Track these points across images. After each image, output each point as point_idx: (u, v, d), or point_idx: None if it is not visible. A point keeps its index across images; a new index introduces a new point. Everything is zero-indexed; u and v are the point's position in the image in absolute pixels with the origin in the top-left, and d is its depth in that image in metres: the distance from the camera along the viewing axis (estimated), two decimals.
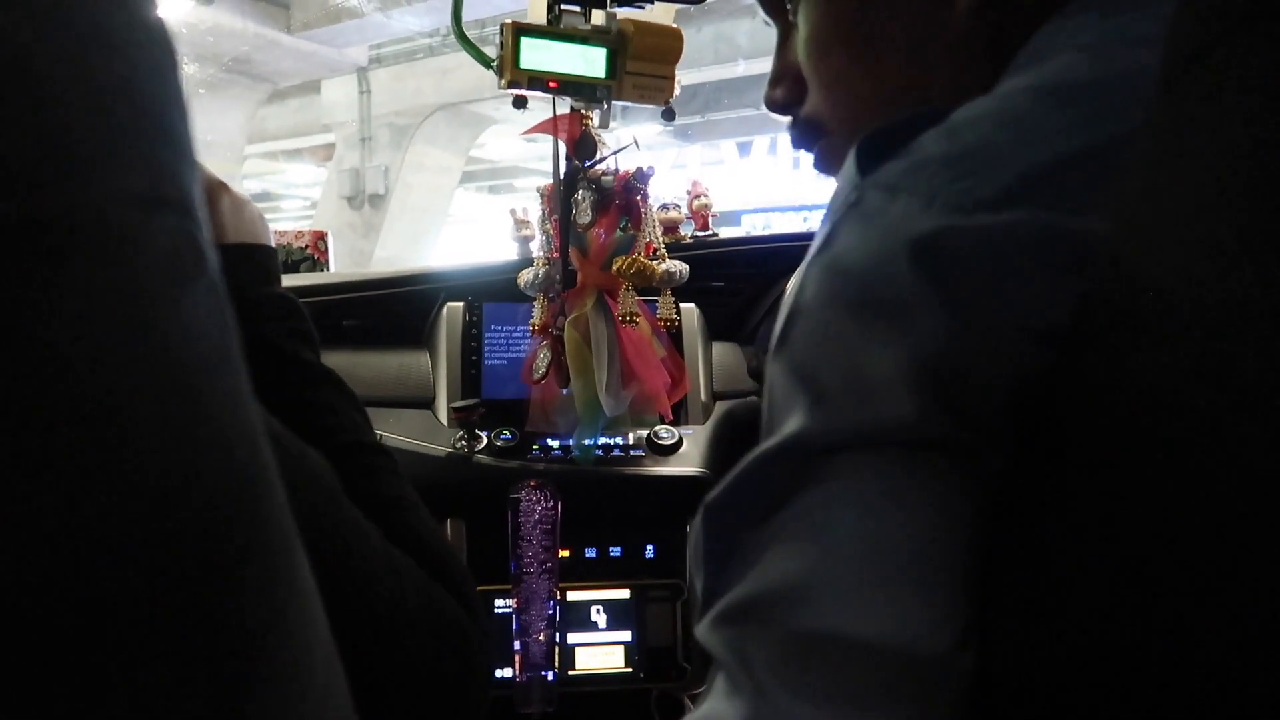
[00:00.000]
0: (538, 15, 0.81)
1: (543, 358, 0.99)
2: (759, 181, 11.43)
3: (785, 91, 0.52)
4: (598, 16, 0.82)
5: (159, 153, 0.20)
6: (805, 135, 0.51)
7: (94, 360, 0.17)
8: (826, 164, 0.51)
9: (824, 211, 0.36)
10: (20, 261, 0.16)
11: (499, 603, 1.02)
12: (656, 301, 0.99)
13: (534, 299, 0.99)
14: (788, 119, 0.52)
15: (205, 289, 0.20)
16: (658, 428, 1.05)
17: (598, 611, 1.05)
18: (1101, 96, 0.32)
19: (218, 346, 0.21)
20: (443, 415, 1.07)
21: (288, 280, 1.29)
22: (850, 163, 0.35)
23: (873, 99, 0.45)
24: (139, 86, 0.20)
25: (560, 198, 0.92)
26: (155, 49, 0.21)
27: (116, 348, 0.18)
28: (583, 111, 0.89)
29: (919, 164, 0.32)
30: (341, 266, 3.03)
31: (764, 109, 0.54)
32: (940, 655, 0.29)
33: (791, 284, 0.36)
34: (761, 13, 0.53)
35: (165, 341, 0.19)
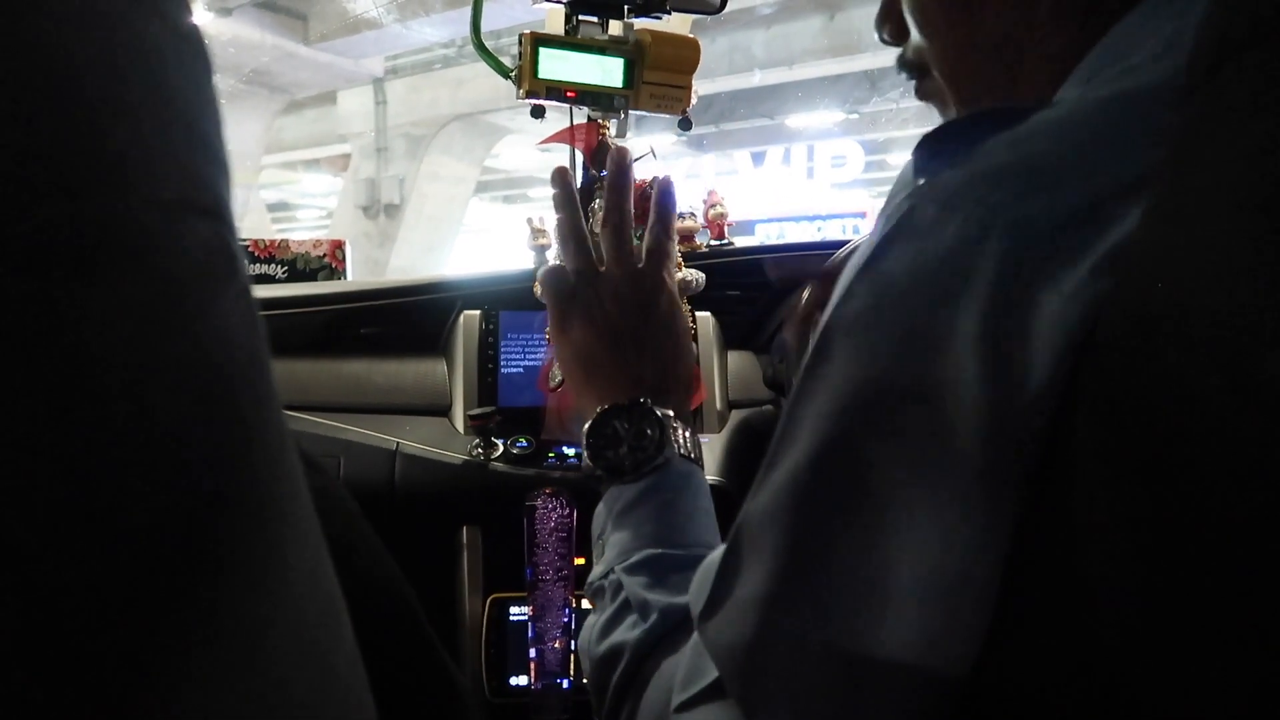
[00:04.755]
0: (555, 25, 0.82)
1: (559, 365, 0.99)
2: (773, 191, 11.42)
3: (890, 30, 0.52)
4: (615, 27, 0.82)
5: (193, 159, 0.20)
6: (909, 69, 0.51)
7: (127, 363, 0.18)
8: (925, 98, 0.51)
9: (879, 210, 0.35)
10: (55, 266, 0.17)
11: (514, 610, 1.02)
12: None
13: None
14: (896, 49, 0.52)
15: (237, 293, 0.21)
16: None
17: None
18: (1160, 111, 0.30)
19: (249, 350, 0.21)
20: (459, 423, 1.08)
21: (306, 288, 1.30)
22: (909, 163, 0.35)
23: (967, 51, 0.45)
24: (174, 94, 0.20)
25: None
26: (190, 57, 0.21)
27: (149, 351, 0.18)
28: (600, 121, 0.89)
29: (976, 178, 0.31)
30: (356, 275, 3.05)
31: (778, 119, 0.54)
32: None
33: (836, 293, 0.34)
34: None
35: (197, 345, 0.19)
